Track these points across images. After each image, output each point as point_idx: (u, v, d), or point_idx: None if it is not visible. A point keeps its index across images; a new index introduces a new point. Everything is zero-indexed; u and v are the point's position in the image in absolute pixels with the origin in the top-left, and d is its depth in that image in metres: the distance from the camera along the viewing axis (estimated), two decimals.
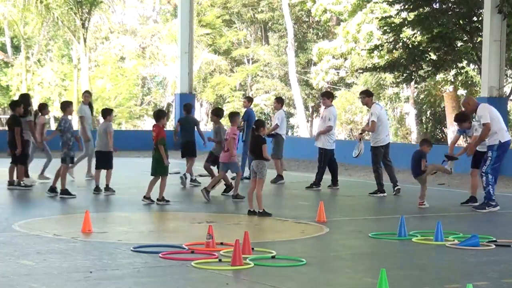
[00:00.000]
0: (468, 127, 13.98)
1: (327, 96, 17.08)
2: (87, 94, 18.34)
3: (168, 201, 13.53)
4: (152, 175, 13.61)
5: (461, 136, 15.15)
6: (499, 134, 13.48)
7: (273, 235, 10.79)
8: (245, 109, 18.90)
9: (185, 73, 29.27)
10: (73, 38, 41.17)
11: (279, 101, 18.61)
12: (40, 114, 16.57)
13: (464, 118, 13.96)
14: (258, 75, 47.67)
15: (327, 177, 16.69)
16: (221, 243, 9.28)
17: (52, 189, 14.42)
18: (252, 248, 8.77)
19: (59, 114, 49.57)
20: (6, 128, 16.17)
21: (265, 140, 12.46)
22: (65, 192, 14.21)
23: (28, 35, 47.54)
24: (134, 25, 53.56)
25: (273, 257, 8.68)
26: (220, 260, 8.35)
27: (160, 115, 13.80)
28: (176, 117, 29.04)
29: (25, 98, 16.75)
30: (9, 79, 49.07)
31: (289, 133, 47.19)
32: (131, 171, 19.31)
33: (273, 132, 17.84)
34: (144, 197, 13.59)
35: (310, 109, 48.18)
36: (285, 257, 8.76)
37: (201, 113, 50.39)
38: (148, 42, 48.95)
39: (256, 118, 15.97)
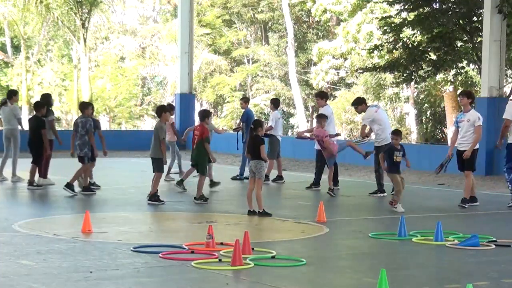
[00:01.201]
0: (467, 107, 13.86)
1: (321, 96, 17.04)
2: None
3: (206, 199, 13.83)
4: (200, 173, 13.95)
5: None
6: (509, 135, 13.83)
7: (273, 235, 10.79)
8: (243, 110, 18.92)
9: (185, 73, 29.27)
10: (73, 38, 41.17)
11: (273, 102, 18.69)
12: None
13: (470, 95, 13.99)
14: (258, 75, 47.68)
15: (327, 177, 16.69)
16: (221, 243, 9.28)
17: (87, 189, 14.71)
18: (252, 248, 8.77)
19: (59, 114, 49.84)
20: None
21: (263, 141, 12.50)
22: (87, 189, 14.68)
23: (28, 35, 47.51)
24: (134, 25, 53.58)
25: (273, 257, 8.68)
26: (220, 260, 8.35)
27: (205, 114, 14.13)
28: (176, 118, 29.05)
29: (47, 98, 16.68)
30: (9, 79, 49.06)
31: (289, 133, 47.22)
32: (131, 171, 19.31)
33: (267, 133, 17.84)
34: (195, 198, 13.78)
35: (310, 109, 48.20)
36: (285, 257, 8.76)
37: None
38: (148, 42, 48.95)
39: (255, 118, 15.85)
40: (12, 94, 17.21)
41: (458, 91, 14.60)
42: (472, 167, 13.79)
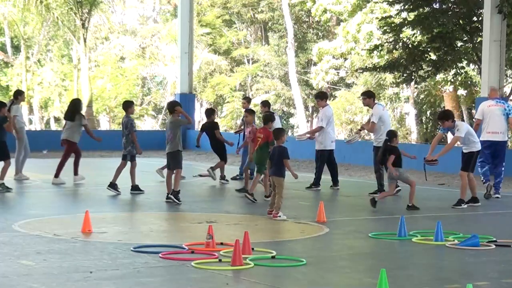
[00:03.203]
0: (450, 125, 13.90)
1: (321, 97, 17.00)
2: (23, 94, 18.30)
3: (269, 197, 13.95)
4: (258, 172, 14.31)
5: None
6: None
7: (273, 235, 10.79)
8: (244, 110, 18.86)
9: (185, 73, 29.26)
10: (73, 38, 41.15)
11: (265, 104, 18.51)
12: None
13: (446, 117, 13.96)
14: (258, 75, 47.68)
15: (328, 177, 16.68)
16: (221, 243, 9.28)
17: (112, 185, 14.85)
18: (252, 248, 8.77)
19: (59, 114, 49.80)
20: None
21: (394, 149, 13.25)
22: (135, 188, 14.95)
23: (28, 35, 47.51)
24: (134, 25, 53.57)
25: (273, 257, 8.68)
26: (220, 260, 8.35)
27: (269, 119, 14.59)
28: None
29: (76, 105, 16.99)
30: (9, 79, 49.05)
31: (289, 133, 47.22)
32: None
33: None
34: (250, 194, 14.02)
35: (310, 109, 48.20)
36: (285, 257, 8.76)
37: (201, 113, 50.40)
38: (148, 42, 48.94)
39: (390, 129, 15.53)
40: (18, 94, 17.44)
41: (439, 113, 14.96)
42: (466, 168, 13.85)
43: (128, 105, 15.49)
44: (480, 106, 15.69)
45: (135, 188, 15.01)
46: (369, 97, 16.06)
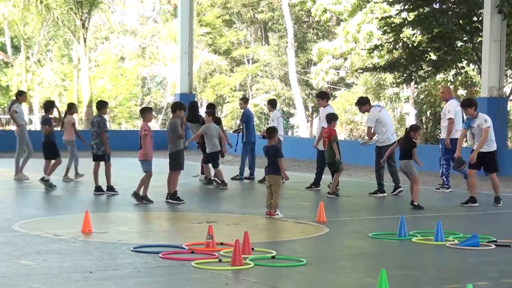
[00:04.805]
0: (473, 114, 13.88)
1: (321, 97, 16.98)
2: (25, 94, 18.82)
3: (338, 195, 14.88)
4: (336, 171, 15.04)
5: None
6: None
7: (273, 235, 10.79)
8: (243, 110, 18.86)
9: (185, 73, 29.26)
10: (73, 38, 41.14)
11: (271, 102, 18.56)
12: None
13: (470, 104, 13.99)
14: (258, 75, 47.68)
15: (328, 177, 16.67)
16: (221, 243, 9.28)
17: (109, 188, 14.82)
18: (252, 248, 8.77)
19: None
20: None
21: (415, 144, 13.59)
22: (100, 189, 14.79)
23: (28, 35, 47.52)
24: (134, 25, 53.59)
25: (273, 257, 8.68)
26: (220, 260, 8.35)
27: (333, 118, 15.20)
28: None
29: (193, 108, 18.66)
30: (9, 79, 49.05)
31: (289, 133, 47.21)
32: (131, 171, 19.29)
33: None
34: (328, 193, 14.93)
35: (310, 109, 48.20)
36: (285, 257, 8.76)
37: (201, 113, 50.36)
38: (148, 42, 48.94)
39: (413, 123, 16.15)
40: (18, 95, 17.98)
41: (462, 100, 15.25)
42: (496, 168, 14.02)
43: (102, 105, 15.47)
44: (450, 106, 16.31)
45: (104, 189, 14.88)
46: (363, 104, 16.05)
